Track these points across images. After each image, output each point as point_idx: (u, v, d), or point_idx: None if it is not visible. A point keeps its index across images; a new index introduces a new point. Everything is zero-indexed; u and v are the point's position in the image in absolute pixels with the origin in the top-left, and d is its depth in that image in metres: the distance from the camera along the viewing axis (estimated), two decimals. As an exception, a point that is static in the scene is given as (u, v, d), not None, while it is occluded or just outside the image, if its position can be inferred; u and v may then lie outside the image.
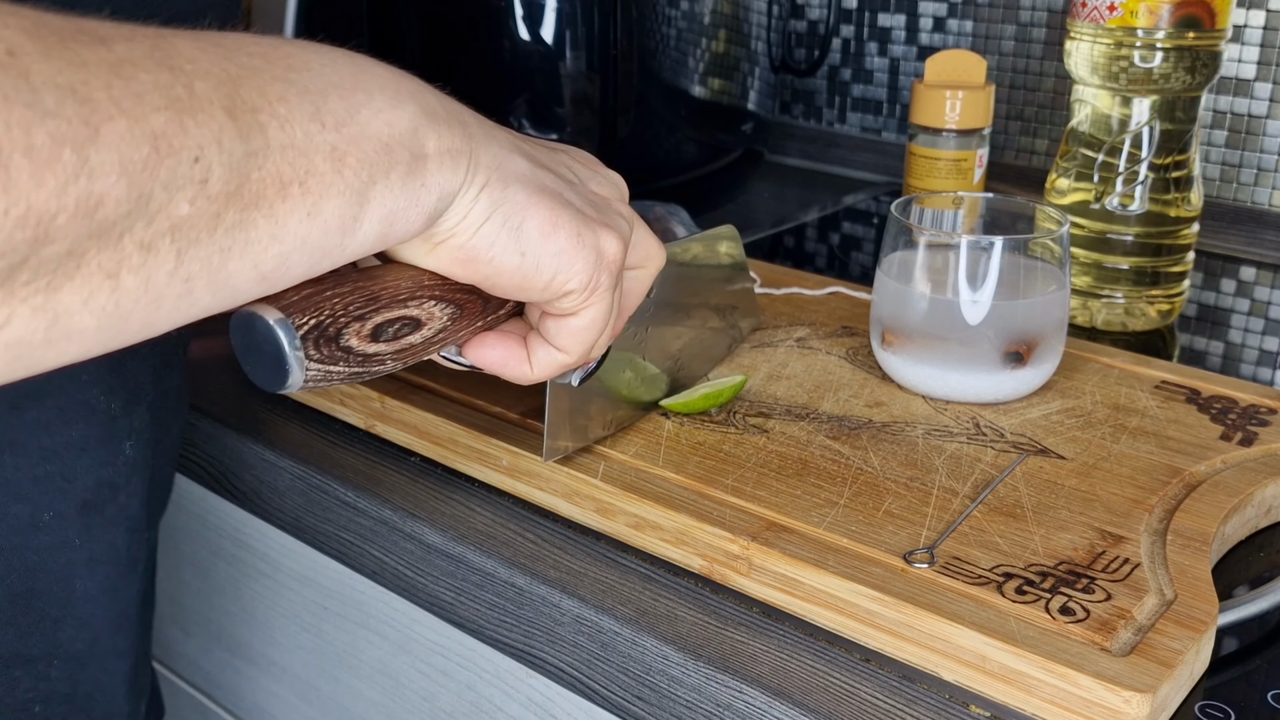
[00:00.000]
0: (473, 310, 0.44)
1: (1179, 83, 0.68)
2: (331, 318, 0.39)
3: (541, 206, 0.40)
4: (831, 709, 0.43)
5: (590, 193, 0.44)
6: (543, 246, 0.40)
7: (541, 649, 0.51)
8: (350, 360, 0.40)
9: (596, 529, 0.53)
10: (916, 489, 0.51)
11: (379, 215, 0.36)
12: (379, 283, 0.40)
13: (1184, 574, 0.45)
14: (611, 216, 0.44)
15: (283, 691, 0.73)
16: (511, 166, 0.40)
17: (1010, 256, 0.57)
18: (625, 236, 0.44)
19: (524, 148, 0.42)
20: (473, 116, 0.40)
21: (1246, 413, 0.58)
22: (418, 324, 0.42)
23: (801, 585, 0.46)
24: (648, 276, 0.48)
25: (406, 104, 0.36)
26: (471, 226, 0.39)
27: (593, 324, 0.44)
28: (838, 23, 1.12)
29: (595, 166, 0.47)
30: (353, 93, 0.35)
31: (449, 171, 0.37)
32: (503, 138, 0.40)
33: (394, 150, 0.35)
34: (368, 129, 0.35)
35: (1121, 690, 0.39)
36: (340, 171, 0.34)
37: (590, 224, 0.42)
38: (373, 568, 0.58)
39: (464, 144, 0.38)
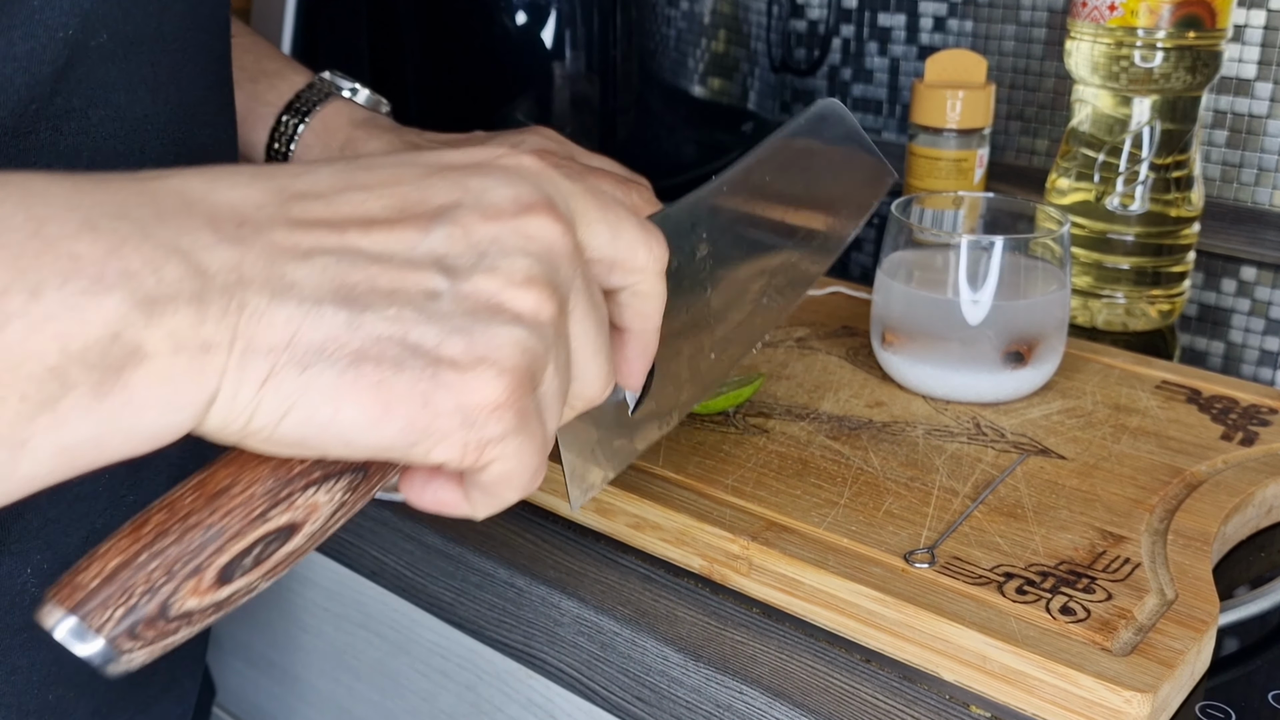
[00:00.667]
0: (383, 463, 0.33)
1: (1179, 82, 0.68)
2: (150, 593, 0.28)
3: (360, 384, 0.29)
4: (832, 709, 0.43)
5: (466, 296, 0.30)
6: (375, 433, 0.29)
7: (541, 649, 0.51)
8: (194, 619, 0.30)
9: (596, 529, 0.53)
10: (917, 489, 0.51)
11: (48, 454, 0.26)
12: (222, 504, 0.29)
13: (1185, 574, 0.45)
14: (490, 337, 0.30)
15: (283, 693, 0.73)
16: (315, 333, 0.28)
17: (1011, 256, 0.57)
18: (516, 358, 0.30)
19: (351, 276, 0.29)
20: (264, 260, 0.28)
21: (1247, 413, 0.58)
22: (293, 529, 0.31)
23: (802, 585, 0.46)
24: (648, 289, 0.37)
25: (107, 296, 0.25)
26: (263, 428, 0.28)
27: (509, 475, 0.32)
28: (838, 22, 1.12)
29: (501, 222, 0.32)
30: (3, 296, 0.24)
31: (183, 378, 0.27)
32: (311, 280, 0.28)
33: (67, 373, 0.25)
34: (19, 351, 0.24)
35: (1122, 690, 0.39)
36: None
37: (445, 377, 0.29)
38: (372, 568, 0.58)
39: (221, 330, 0.27)
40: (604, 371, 0.35)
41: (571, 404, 0.35)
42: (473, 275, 0.30)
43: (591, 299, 0.34)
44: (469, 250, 0.31)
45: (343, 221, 0.30)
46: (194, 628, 0.30)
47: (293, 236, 0.29)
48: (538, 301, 0.31)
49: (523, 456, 0.32)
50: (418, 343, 0.29)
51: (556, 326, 0.32)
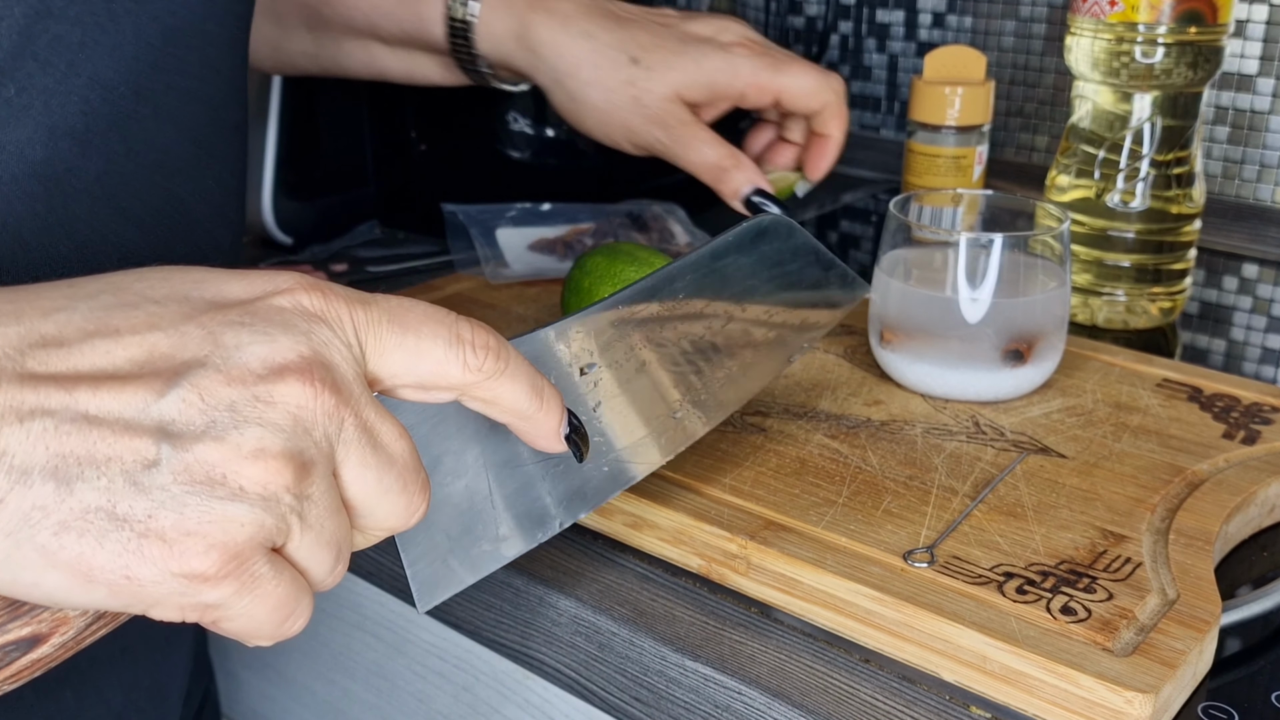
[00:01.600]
0: None
1: (1181, 78, 0.68)
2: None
3: (61, 555, 0.28)
4: (831, 710, 0.42)
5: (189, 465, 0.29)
6: (81, 597, 0.29)
7: (538, 650, 0.51)
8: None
9: (594, 528, 0.53)
10: (916, 488, 0.51)
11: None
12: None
13: (1186, 573, 0.45)
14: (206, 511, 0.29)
15: (278, 695, 0.72)
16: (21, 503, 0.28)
17: (1010, 254, 0.57)
18: (233, 533, 0.29)
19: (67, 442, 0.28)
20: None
21: (1249, 411, 0.57)
22: (36, 640, 0.30)
23: (800, 585, 0.46)
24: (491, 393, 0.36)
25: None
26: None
27: (247, 631, 0.31)
28: (836, 19, 1.12)
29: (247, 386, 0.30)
30: None
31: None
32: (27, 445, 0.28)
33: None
34: None
35: (1124, 691, 0.39)
36: None
37: (149, 548, 0.29)
38: (368, 568, 0.58)
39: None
40: (400, 505, 0.34)
41: (372, 533, 0.34)
42: (196, 445, 0.29)
43: (372, 442, 0.32)
44: (200, 416, 0.30)
45: (76, 377, 0.29)
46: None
47: (20, 394, 0.28)
48: (265, 474, 0.30)
49: (255, 615, 0.31)
50: (125, 515, 0.29)
51: (297, 491, 0.30)
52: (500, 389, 0.36)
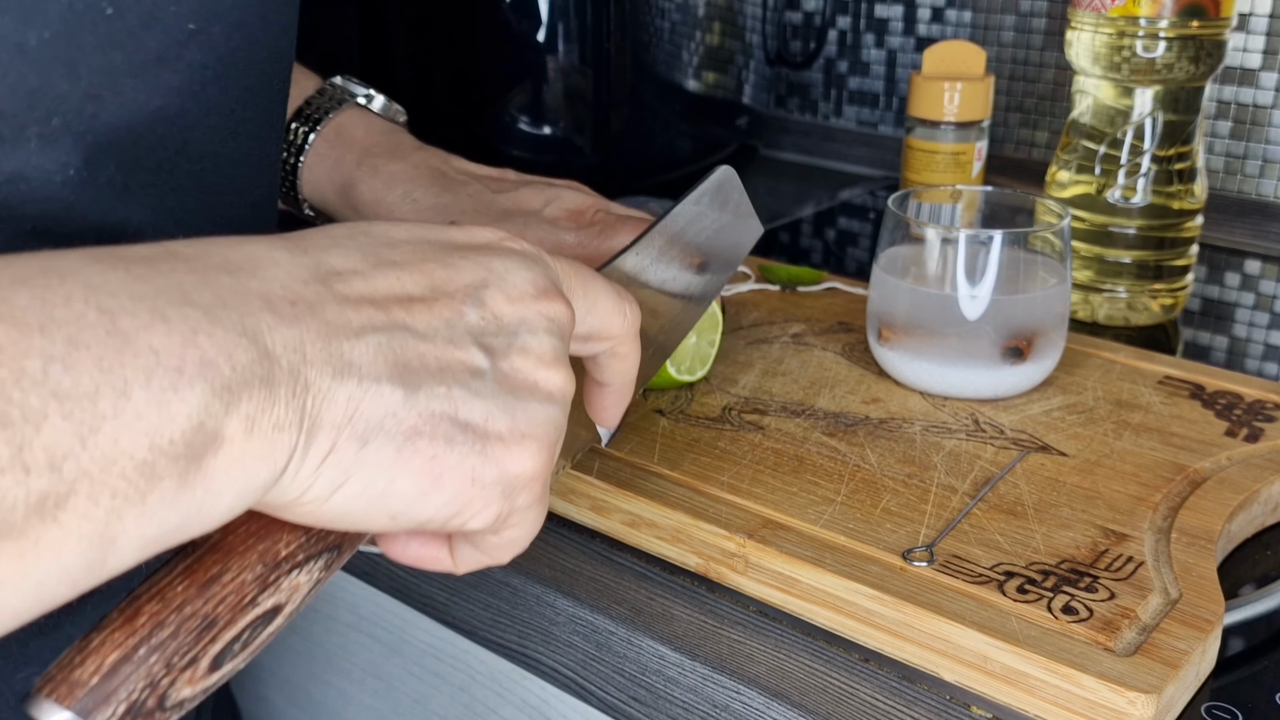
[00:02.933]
0: (356, 538, 0.34)
1: (1182, 73, 0.68)
2: (150, 686, 0.28)
3: (415, 459, 0.30)
4: (830, 710, 0.42)
5: (508, 374, 0.33)
6: (424, 504, 0.31)
7: (536, 649, 0.50)
8: (185, 704, 0.30)
9: (592, 527, 0.52)
10: (915, 486, 0.50)
11: (136, 545, 0.26)
12: (214, 593, 0.30)
13: (1189, 572, 0.44)
14: (532, 413, 0.33)
15: (273, 696, 0.72)
16: (375, 409, 0.29)
17: (1010, 251, 0.56)
18: (550, 435, 0.33)
19: (405, 352, 0.30)
20: (321, 339, 0.29)
21: (1252, 408, 0.57)
22: (277, 611, 0.32)
23: (799, 584, 0.46)
24: (625, 351, 0.40)
25: (191, 388, 0.26)
26: (317, 499, 0.29)
27: (519, 539, 0.35)
28: (834, 14, 1.12)
29: (524, 305, 0.34)
30: (92, 401, 0.24)
31: (257, 460, 0.27)
32: (367, 357, 0.30)
33: (156, 467, 0.25)
34: (112, 451, 0.25)
35: (1126, 691, 0.38)
36: (56, 520, 0.24)
37: (493, 450, 0.32)
38: (364, 568, 0.57)
39: (290, 412, 0.28)
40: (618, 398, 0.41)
41: None
42: (509, 355, 0.33)
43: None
44: (501, 330, 0.33)
45: (385, 299, 0.31)
46: (181, 713, 0.30)
47: (344, 314, 0.30)
48: (563, 380, 0.34)
49: (535, 522, 0.35)
50: (467, 419, 0.31)
51: (569, 389, 0.35)
52: (634, 347, 0.40)
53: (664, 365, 0.56)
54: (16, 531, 0.24)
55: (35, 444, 0.24)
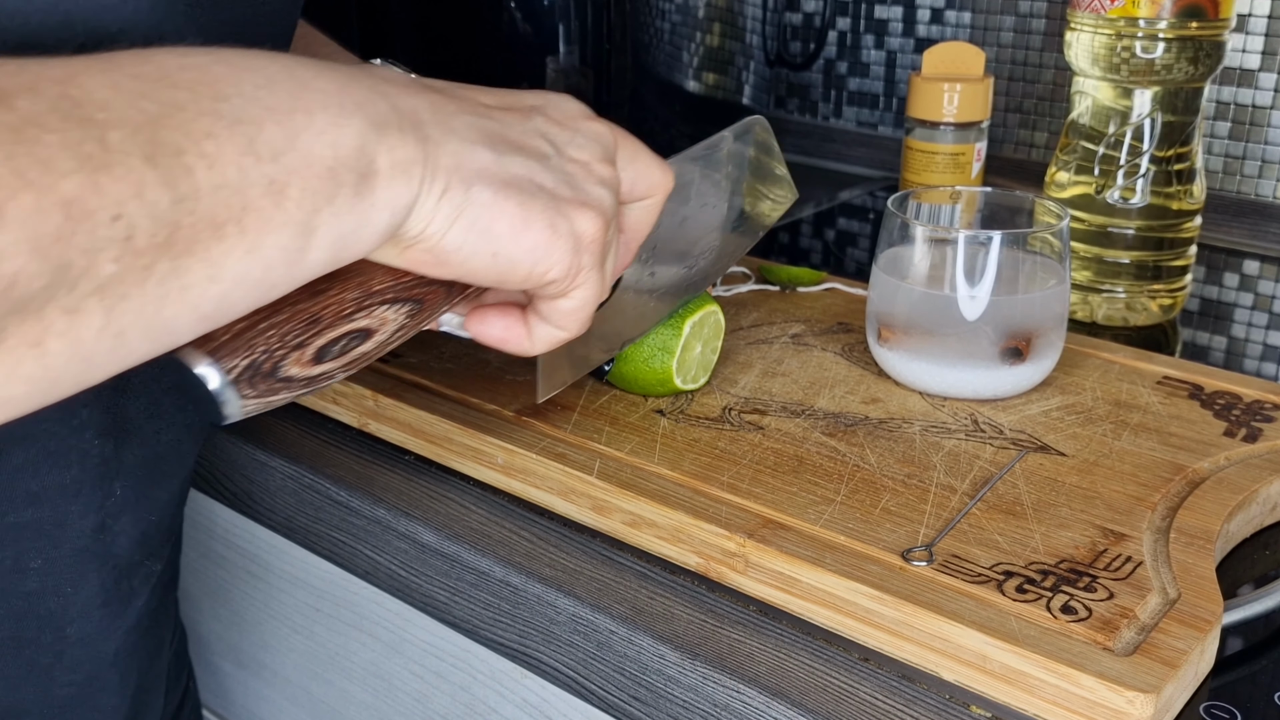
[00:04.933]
0: (435, 300, 0.42)
1: (1181, 74, 0.68)
2: (267, 354, 0.37)
3: (510, 203, 0.38)
4: (830, 709, 0.42)
5: (567, 163, 0.41)
6: (515, 244, 0.38)
7: (537, 649, 0.50)
8: (293, 385, 0.38)
9: (592, 526, 0.52)
10: (914, 486, 0.50)
11: (327, 242, 0.34)
12: (322, 300, 0.38)
13: (1188, 572, 0.44)
14: (589, 189, 0.41)
15: (274, 695, 0.72)
16: (474, 163, 0.37)
17: (1009, 251, 0.56)
18: (606, 210, 0.41)
19: (491, 129, 0.39)
20: (430, 109, 0.37)
21: (1250, 409, 0.57)
22: (368, 333, 0.40)
23: (799, 583, 0.46)
24: (654, 205, 0.47)
25: (352, 119, 0.34)
26: (437, 233, 0.37)
27: (584, 303, 0.43)
28: (834, 15, 1.12)
29: (576, 121, 0.43)
30: (291, 116, 0.32)
31: (402, 185, 0.35)
32: (465, 126, 0.38)
33: (339, 174, 0.33)
34: (309, 155, 0.32)
35: (1125, 691, 0.38)
36: (281, 205, 0.32)
37: (565, 208, 0.40)
38: (366, 568, 0.57)
39: (418, 151, 0.36)
40: (613, 264, 0.44)
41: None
42: (568, 148, 0.42)
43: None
44: (561, 133, 0.42)
45: (470, 100, 0.40)
46: (291, 394, 0.38)
47: (442, 100, 0.38)
48: (612, 175, 0.43)
49: (594, 288, 0.42)
50: (542, 184, 0.39)
51: (616, 196, 0.43)
52: (659, 207, 0.47)
53: (670, 374, 0.56)
54: (257, 209, 0.31)
55: (260, 139, 0.31)
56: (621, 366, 0.57)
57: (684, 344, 0.56)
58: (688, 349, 0.57)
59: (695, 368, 0.58)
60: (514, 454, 0.54)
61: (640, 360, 0.57)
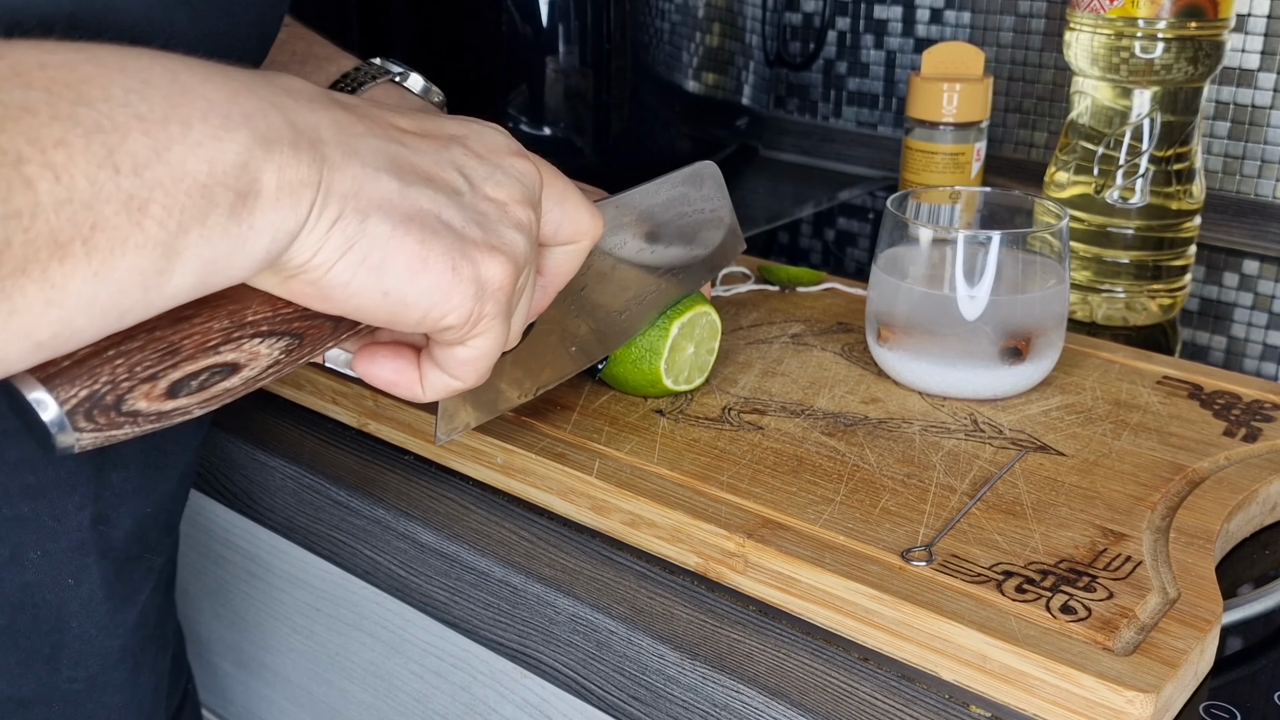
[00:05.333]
0: (318, 335, 0.38)
1: (1181, 74, 0.68)
2: (111, 385, 0.33)
3: (408, 240, 0.35)
4: (830, 709, 0.42)
5: (481, 201, 0.38)
6: (411, 284, 0.36)
7: (536, 649, 0.50)
8: (140, 421, 0.35)
9: (592, 526, 0.52)
10: (914, 486, 0.50)
11: (193, 268, 0.31)
12: (184, 328, 0.35)
13: (1187, 572, 0.44)
14: (500, 232, 0.38)
15: (273, 695, 0.72)
16: (375, 191, 0.35)
17: (1008, 251, 0.56)
18: (518, 256, 0.38)
19: (400, 156, 0.36)
20: (332, 127, 0.34)
21: (1250, 408, 0.57)
22: (234, 368, 0.36)
23: (798, 583, 0.46)
24: (579, 251, 0.44)
25: (236, 132, 0.31)
26: (323, 264, 0.34)
27: (483, 353, 0.40)
28: (833, 15, 1.12)
29: (498, 156, 0.40)
30: (164, 125, 0.30)
31: (287, 209, 0.33)
32: (371, 150, 0.35)
33: (214, 192, 0.31)
34: (180, 170, 0.30)
35: (1125, 690, 0.38)
36: (139, 224, 0.29)
37: (470, 250, 0.37)
38: (365, 568, 0.57)
39: (311, 173, 0.33)
40: (526, 309, 0.42)
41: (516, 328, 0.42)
42: (485, 185, 0.39)
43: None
44: (479, 168, 0.39)
45: (382, 121, 0.37)
46: (136, 430, 0.35)
47: (350, 118, 0.35)
48: (530, 219, 0.40)
49: (496, 338, 0.39)
50: (449, 222, 0.37)
51: (534, 242, 0.40)
52: (584, 255, 0.45)
53: (659, 375, 0.56)
54: (110, 228, 0.29)
55: (122, 150, 0.29)
56: (612, 368, 0.57)
57: (672, 345, 0.56)
58: (677, 349, 0.57)
59: (688, 368, 0.58)
60: (513, 454, 0.54)
61: (629, 362, 0.57)
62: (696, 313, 0.58)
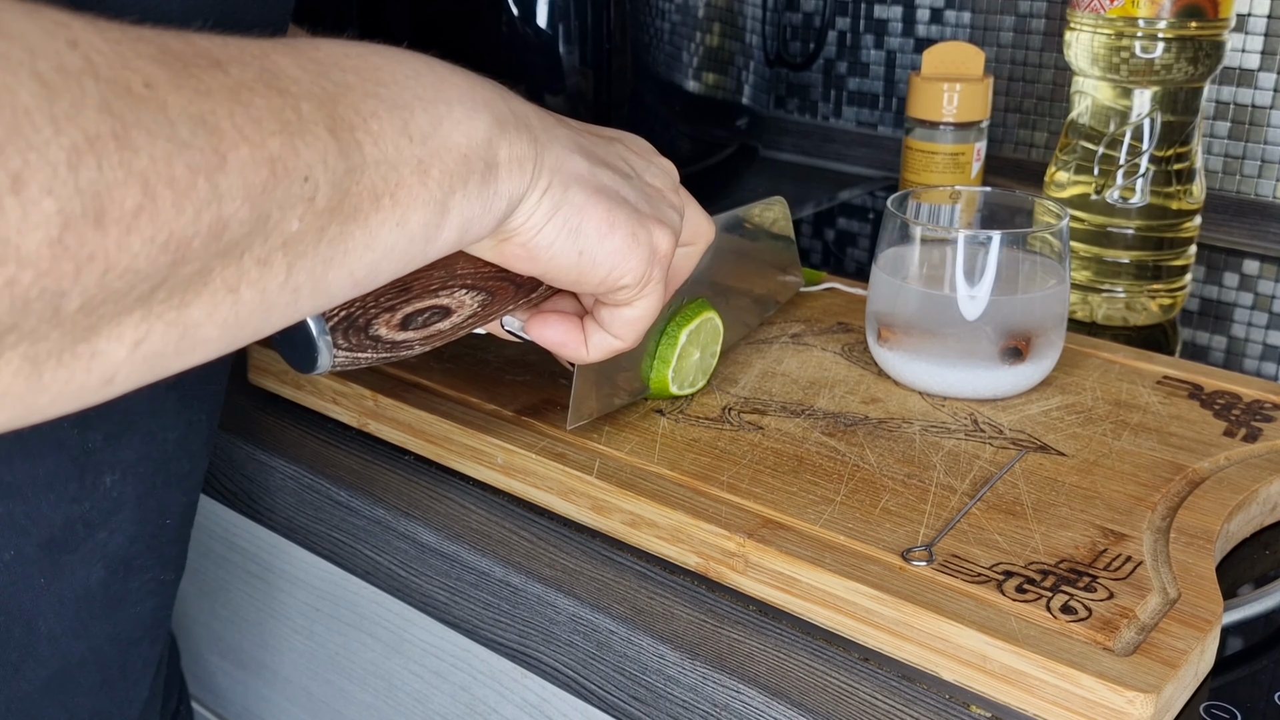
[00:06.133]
0: (504, 296, 0.46)
1: (1181, 74, 0.68)
2: (362, 309, 0.41)
3: (599, 207, 0.42)
4: (830, 709, 0.42)
5: (645, 185, 0.46)
6: (600, 246, 0.42)
7: (537, 649, 0.50)
8: (379, 347, 0.42)
9: (592, 526, 0.52)
10: (914, 486, 0.50)
11: (457, 223, 0.37)
12: (414, 274, 0.42)
13: (1188, 572, 0.44)
14: (664, 210, 0.45)
15: (274, 695, 0.72)
16: (571, 167, 0.41)
17: (1009, 251, 0.56)
18: (677, 229, 0.46)
19: (584, 144, 0.43)
20: (537, 117, 0.41)
21: (1250, 408, 0.57)
22: (447, 312, 0.44)
23: (798, 583, 0.46)
24: (696, 253, 0.51)
25: (482, 113, 0.37)
26: (534, 227, 0.41)
27: (646, 314, 0.46)
28: (833, 15, 1.12)
29: (649, 155, 0.48)
30: (435, 105, 0.36)
31: (517, 178, 0.39)
32: (564, 136, 0.42)
33: (471, 161, 0.37)
34: (449, 141, 0.36)
35: (1125, 690, 0.38)
36: (425, 183, 0.35)
37: (645, 221, 0.44)
38: (366, 568, 0.57)
39: (530, 150, 0.39)
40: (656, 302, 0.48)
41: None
42: (645, 174, 0.47)
43: None
44: (639, 161, 0.47)
45: (562, 119, 0.44)
46: (375, 356, 0.43)
47: (543, 112, 0.42)
48: (681, 203, 0.48)
49: (657, 300, 0.46)
50: (626, 197, 0.44)
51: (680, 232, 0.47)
52: (700, 257, 0.52)
53: (666, 383, 0.56)
54: (407, 186, 0.34)
55: (412, 123, 0.35)
56: None
57: (680, 352, 0.56)
58: (684, 356, 0.57)
59: (694, 373, 0.58)
60: (514, 454, 0.54)
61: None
62: (704, 319, 0.58)
